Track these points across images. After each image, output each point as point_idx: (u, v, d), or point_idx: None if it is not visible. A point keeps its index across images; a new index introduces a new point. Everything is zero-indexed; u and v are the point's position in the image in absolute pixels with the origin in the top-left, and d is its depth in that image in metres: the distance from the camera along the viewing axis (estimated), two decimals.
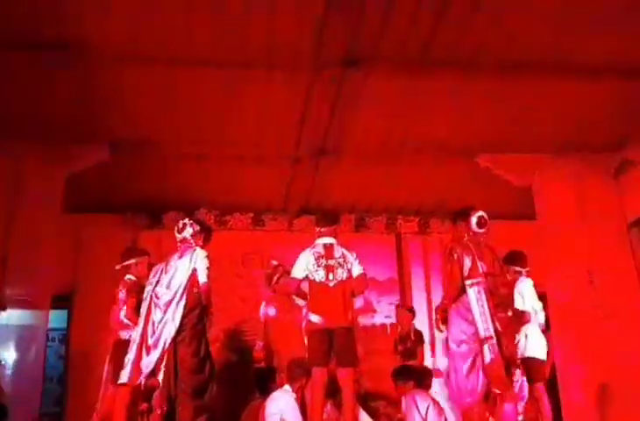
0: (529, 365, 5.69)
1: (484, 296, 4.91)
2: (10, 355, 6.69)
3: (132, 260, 6.03)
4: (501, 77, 6.08)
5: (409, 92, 6.28)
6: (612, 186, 7.35)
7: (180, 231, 5.25)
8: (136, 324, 5.50)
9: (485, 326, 4.86)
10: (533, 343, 5.91)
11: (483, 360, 4.81)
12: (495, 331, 4.83)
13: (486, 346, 4.81)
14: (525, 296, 5.99)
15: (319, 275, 5.13)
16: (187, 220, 5.30)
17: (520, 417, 5.05)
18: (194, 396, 4.74)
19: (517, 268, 6.12)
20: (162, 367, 4.80)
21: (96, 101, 6.20)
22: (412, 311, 7.69)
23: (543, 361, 5.97)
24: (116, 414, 5.54)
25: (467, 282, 5.00)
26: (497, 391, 4.84)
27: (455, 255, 5.14)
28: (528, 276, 6.06)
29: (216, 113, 6.50)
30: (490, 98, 6.37)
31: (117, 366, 5.57)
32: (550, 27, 5.49)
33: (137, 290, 5.67)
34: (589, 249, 7.05)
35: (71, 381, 7.84)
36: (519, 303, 5.88)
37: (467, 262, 5.04)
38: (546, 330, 6.40)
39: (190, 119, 6.65)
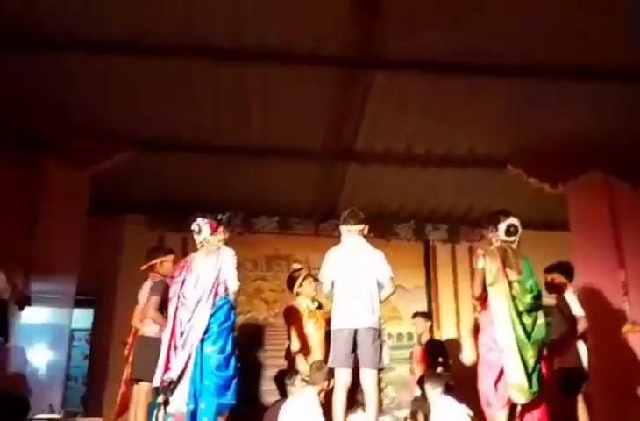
0: (572, 375, 5.59)
1: (507, 304, 4.77)
2: (32, 353, 6.67)
3: (157, 260, 6.02)
4: (529, 80, 5.93)
5: (436, 96, 6.18)
6: None
7: (198, 233, 5.21)
8: (157, 322, 5.49)
9: (504, 335, 4.71)
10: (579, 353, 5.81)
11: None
12: (517, 339, 4.68)
13: (505, 355, 4.68)
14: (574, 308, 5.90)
15: (346, 274, 4.96)
16: (199, 220, 5.25)
17: None
18: (217, 394, 4.67)
19: (564, 280, 6.02)
20: (190, 365, 4.74)
21: (117, 99, 6.20)
22: (427, 316, 7.57)
23: (584, 371, 5.82)
24: (140, 412, 5.50)
25: (491, 290, 4.86)
26: (518, 402, 4.68)
27: (480, 262, 5.00)
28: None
29: (243, 113, 6.44)
30: (518, 103, 6.25)
31: (138, 361, 5.56)
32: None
33: (161, 289, 5.63)
34: (623, 260, 6.84)
35: (92, 381, 7.83)
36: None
37: (492, 270, 4.89)
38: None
39: (214, 118, 6.58)
